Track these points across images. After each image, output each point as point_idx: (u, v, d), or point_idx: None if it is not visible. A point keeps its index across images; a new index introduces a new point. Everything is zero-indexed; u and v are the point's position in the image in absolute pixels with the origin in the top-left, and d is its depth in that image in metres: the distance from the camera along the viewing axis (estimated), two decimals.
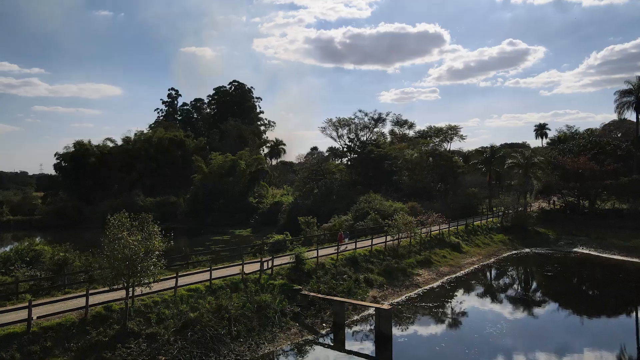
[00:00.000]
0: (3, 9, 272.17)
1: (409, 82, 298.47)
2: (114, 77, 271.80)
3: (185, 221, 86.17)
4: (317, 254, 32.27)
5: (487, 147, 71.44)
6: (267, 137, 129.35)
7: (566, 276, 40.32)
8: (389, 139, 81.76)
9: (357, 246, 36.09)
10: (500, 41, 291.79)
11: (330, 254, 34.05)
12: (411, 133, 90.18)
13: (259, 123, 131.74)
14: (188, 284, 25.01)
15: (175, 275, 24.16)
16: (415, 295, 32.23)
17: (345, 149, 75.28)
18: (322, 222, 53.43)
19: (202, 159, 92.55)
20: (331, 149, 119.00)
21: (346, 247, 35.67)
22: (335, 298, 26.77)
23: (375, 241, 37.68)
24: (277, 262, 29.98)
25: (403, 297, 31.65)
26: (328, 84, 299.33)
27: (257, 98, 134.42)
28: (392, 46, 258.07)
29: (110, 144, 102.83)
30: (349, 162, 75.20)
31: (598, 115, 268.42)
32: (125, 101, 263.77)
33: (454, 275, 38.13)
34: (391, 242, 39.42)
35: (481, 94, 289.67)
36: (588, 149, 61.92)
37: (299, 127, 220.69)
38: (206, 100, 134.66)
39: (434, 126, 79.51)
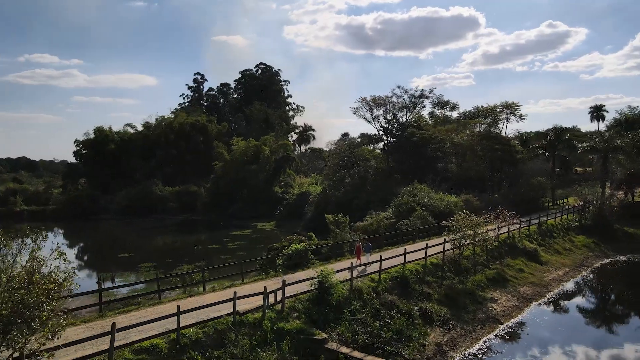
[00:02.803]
0: (44, 2, 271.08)
1: (442, 67, 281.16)
2: (150, 67, 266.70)
3: (205, 212, 77.04)
4: (352, 275, 21.41)
5: (550, 129, 58.45)
6: (295, 123, 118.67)
7: None
8: (430, 122, 69.49)
9: (407, 259, 24.97)
10: (539, 23, 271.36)
11: (370, 273, 23.10)
12: (454, 115, 77.40)
13: (287, 108, 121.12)
14: (138, 341, 14.59)
15: (110, 330, 13.61)
16: (498, 340, 20.94)
17: (381, 132, 63.59)
18: (355, 218, 41.91)
19: (225, 145, 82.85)
20: (363, 135, 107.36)
21: (367, 266, 24.36)
22: None
23: (426, 250, 26.42)
24: (291, 289, 19.30)
25: (480, 344, 20.43)
26: (359, 71, 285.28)
27: (285, 81, 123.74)
28: (425, 31, 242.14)
29: (131, 130, 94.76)
30: (386, 147, 63.60)
31: None
32: (161, 90, 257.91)
33: (543, 300, 26.55)
34: (450, 250, 28.15)
35: (518, 79, 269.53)
36: None
37: (329, 115, 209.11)
38: (233, 85, 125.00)
39: (483, 106, 66.78)
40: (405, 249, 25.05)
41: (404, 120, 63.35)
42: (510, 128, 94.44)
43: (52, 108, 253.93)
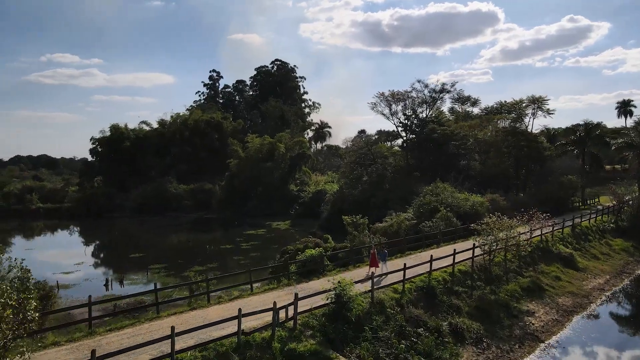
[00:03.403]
0: (64, 1, 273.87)
1: (460, 64, 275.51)
2: (167, 65, 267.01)
3: (220, 211, 75.30)
4: (372, 286, 18.96)
5: (579, 124, 54.87)
6: (311, 120, 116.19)
7: None
8: (451, 118, 66.22)
9: (433, 267, 22.38)
10: (560, 18, 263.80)
11: (393, 283, 20.57)
12: (475, 111, 73.87)
13: (303, 105, 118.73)
14: None
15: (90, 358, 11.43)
16: None
17: (400, 128, 60.72)
18: (373, 218, 38.82)
19: (240, 142, 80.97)
20: (380, 132, 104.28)
21: (384, 277, 21.05)
22: None
23: (454, 256, 23.74)
24: (305, 302, 16.90)
25: None
26: (375, 68, 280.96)
27: (301, 77, 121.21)
28: (442, 27, 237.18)
29: (146, 128, 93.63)
30: (405, 144, 60.70)
31: None
32: (178, 89, 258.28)
33: (585, 313, 23.68)
34: (481, 256, 25.48)
35: (537, 75, 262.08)
36: None
37: (345, 112, 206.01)
38: (248, 82, 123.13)
39: (506, 101, 63.22)
40: (431, 256, 22.43)
41: (424, 116, 60.41)
42: (536, 124, 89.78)
43: (72, 107, 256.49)
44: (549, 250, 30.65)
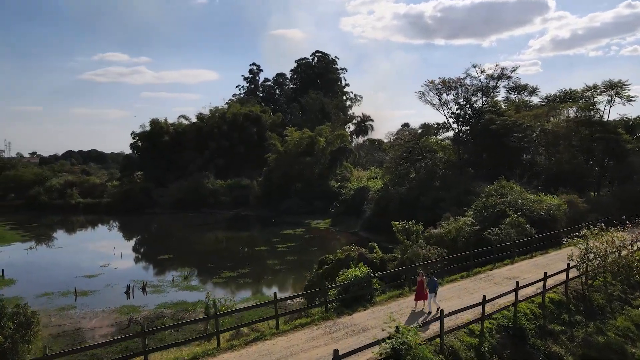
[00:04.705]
0: (114, 1, 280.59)
1: (506, 55, 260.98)
2: (211, 62, 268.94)
3: (257, 207, 71.28)
4: (442, 328, 13.38)
5: None
6: (353, 113, 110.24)
7: None
8: (509, 108, 58.59)
9: (520, 296, 16.45)
10: (616, 4, 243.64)
11: (469, 323, 14.85)
12: (535, 100, 65.55)
13: (344, 97, 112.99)
14: None
15: None
16: None
17: (451, 120, 53.98)
18: (421, 219, 31.30)
19: (280, 136, 76.55)
20: (424, 125, 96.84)
21: (432, 311, 15.47)
22: None
23: (545, 280, 17.67)
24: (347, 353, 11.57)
25: None
26: (417, 61, 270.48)
27: (342, 69, 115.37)
28: (488, 17, 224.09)
29: (185, 122, 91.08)
30: (458, 137, 53.89)
31: None
32: (222, 85, 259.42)
33: None
34: (577, 279, 19.33)
35: (591, 65, 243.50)
36: None
37: (387, 106, 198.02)
38: (289, 75, 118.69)
39: (571, 89, 54.72)
40: (517, 283, 16.50)
41: (479, 105, 53.39)
42: (622, 111, 77.88)
43: (122, 104, 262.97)
44: None
